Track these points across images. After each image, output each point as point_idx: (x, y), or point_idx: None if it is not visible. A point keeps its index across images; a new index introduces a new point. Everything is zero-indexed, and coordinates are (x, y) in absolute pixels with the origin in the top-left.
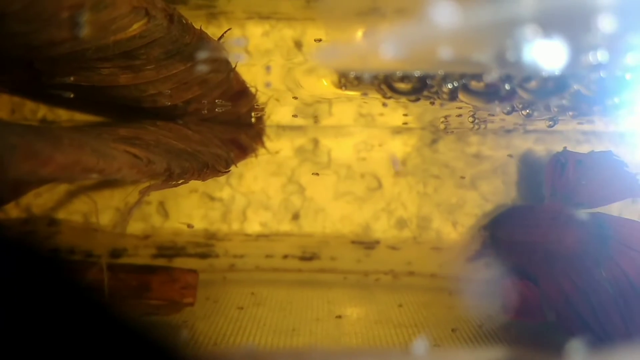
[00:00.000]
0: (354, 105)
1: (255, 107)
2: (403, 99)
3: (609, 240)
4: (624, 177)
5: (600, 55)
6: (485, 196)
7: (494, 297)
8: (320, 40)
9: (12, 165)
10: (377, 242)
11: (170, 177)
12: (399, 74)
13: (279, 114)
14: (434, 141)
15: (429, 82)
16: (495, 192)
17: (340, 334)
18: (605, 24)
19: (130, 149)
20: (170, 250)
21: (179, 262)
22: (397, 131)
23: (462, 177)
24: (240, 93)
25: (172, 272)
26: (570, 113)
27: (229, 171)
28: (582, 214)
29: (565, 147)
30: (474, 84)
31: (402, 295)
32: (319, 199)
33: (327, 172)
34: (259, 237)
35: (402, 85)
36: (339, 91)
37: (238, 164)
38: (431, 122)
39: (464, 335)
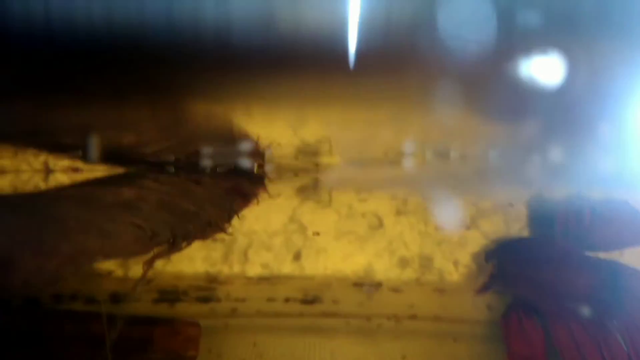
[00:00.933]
0: None
1: (257, 153)
2: None
3: (622, 291)
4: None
5: None
6: (487, 235)
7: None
8: None
9: (22, 263)
10: (380, 283)
11: (174, 245)
12: None
13: (280, 156)
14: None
15: None
16: (497, 230)
17: None
18: None
19: (135, 219)
20: (171, 294)
21: (181, 307)
22: (394, 181)
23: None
24: (241, 140)
25: (174, 324)
26: None
27: (230, 225)
28: (596, 259)
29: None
30: None
31: (406, 343)
32: (320, 239)
33: (328, 211)
34: (260, 279)
35: None
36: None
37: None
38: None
39: None
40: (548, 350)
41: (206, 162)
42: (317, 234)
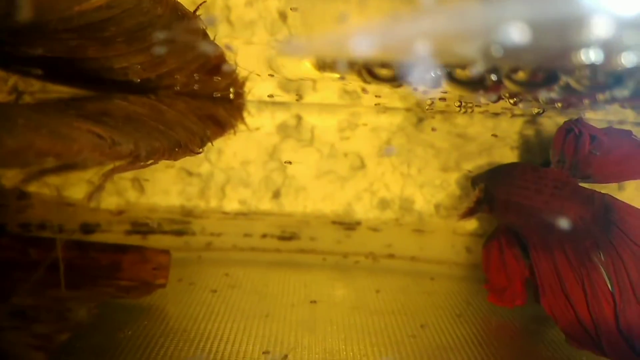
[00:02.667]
0: (339, 83)
1: (235, 82)
2: (385, 85)
3: (613, 226)
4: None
5: (593, 53)
6: (470, 178)
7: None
8: (295, 9)
9: None
10: (359, 223)
11: (137, 159)
12: (378, 61)
13: (260, 89)
14: (420, 121)
15: (410, 69)
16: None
17: (315, 320)
18: (598, 23)
19: (94, 128)
20: (144, 226)
21: (154, 240)
22: (381, 110)
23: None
24: (219, 67)
25: (144, 252)
26: (559, 104)
27: (202, 151)
28: (590, 190)
29: (580, 117)
30: (459, 73)
31: (381, 280)
32: (300, 178)
33: (310, 150)
34: (237, 215)
35: (382, 72)
36: (318, 73)
37: (215, 141)
38: (417, 103)
39: (441, 326)
40: (528, 282)
41: (179, 85)
42: (289, 162)
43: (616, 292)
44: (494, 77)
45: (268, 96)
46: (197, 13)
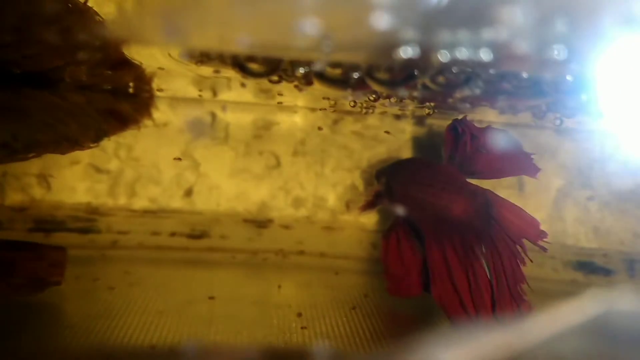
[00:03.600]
0: (254, 82)
1: (141, 77)
2: (262, 80)
3: (492, 221)
4: (520, 155)
5: (451, 53)
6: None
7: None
8: None
9: None
10: (271, 220)
11: (15, 151)
12: (245, 54)
13: (172, 85)
14: (334, 122)
15: (280, 65)
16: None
17: (211, 316)
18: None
19: None
20: (48, 224)
21: (58, 238)
22: (294, 110)
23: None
24: (121, 62)
25: (38, 249)
26: (430, 104)
27: (96, 145)
28: (474, 186)
29: (465, 116)
30: (329, 71)
31: (286, 276)
32: (214, 176)
33: (224, 149)
34: (145, 212)
35: (253, 66)
36: (193, 66)
37: (124, 137)
38: (331, 102)
39: (336, 318)
40: (423, 273)
41: (84, 79)
42: (179, 159)
43: (493, 281)
44: (355, 75)
45: (180, 92)
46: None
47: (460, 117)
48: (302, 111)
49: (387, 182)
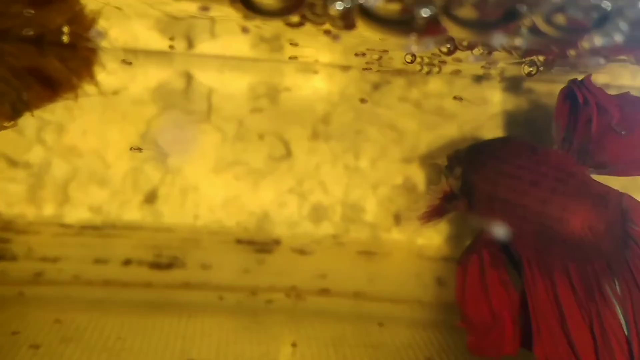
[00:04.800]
0: (249, 24)
1: (78, 18)
2: (275, 21)
3: (631, 242)
4: None
5: None
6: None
7: None
8: None
9: None
10: (278, 242)
11: None
12: None
13: (126, 31)
14: (375, 87)
15: None
16: None
17: None
18: None
19: None
20: None
21: None
22: (314, 69)
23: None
24: None
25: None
26: (540, 58)
27: (12, 125)
28: (604, 187)
29: (589, 76)
30: (379, 7)
31: (303, 328)
32: (190, 172)
33: (205, 128)
34: (84, 229)
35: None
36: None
37: (41, 109)
38: (374, 55)
39: None
40: (521, 320)
41: None
42: (139, 149)
43: (633, 338)
44: (425, 13)
45: (139, 43)
46: None
47: (581, 78)
48: (326, 71)
49: (465, 177)
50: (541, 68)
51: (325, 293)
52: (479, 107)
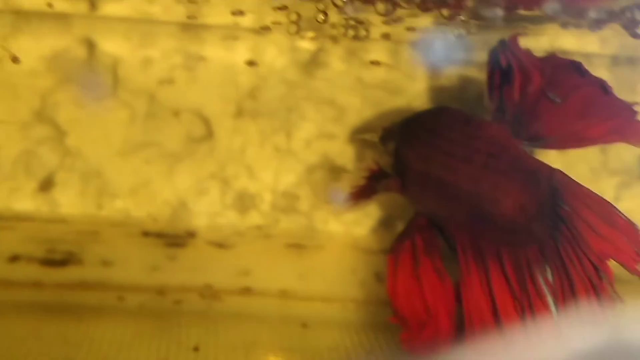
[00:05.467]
0: None
1: None
2: None
3: (562, 225)
4: (615, 106)
5: None
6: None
7: None
8: None
9: None
10: (192, 234)
11: None
12: None
13: None
14: (310, 58)
15: None
16: None
17: None
18: None
19: None
20: None
21: None
22: (235, 35)
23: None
24: None
25: None
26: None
27: None
28: (536, 163)
29: (517, 36)
30: None
31: (214, 332)
32: (91, 153)
33: (110, 105)
34: None
35: None
36: None
37: None
38: (306, 18)
39: None
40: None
41: None
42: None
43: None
44: None
45: (27, 3)
46: None
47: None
48: (249, 37)
49: (398, 152)
50: (472, 30)
51: (246, 292)
52: (428, 79)
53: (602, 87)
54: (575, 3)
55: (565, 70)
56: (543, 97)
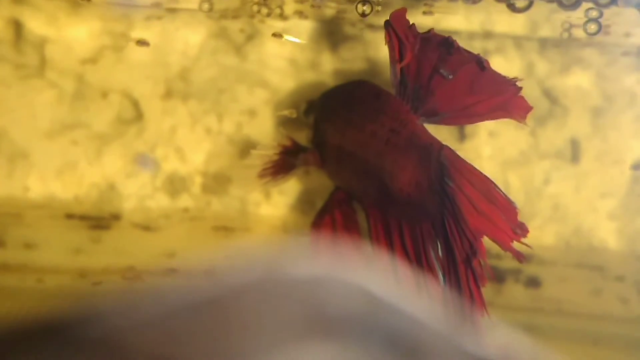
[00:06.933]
0: None
1: None
2: None
3: (447, 199)
4: (495, 79)
5: None
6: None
7: None
8: None
9: None
10: (117, 217)
11: None
12: None
13: None
14: (248, 37)
15: None
16: None
17: None
18: None
19: None
20: None
21: None
22: (159, 15)
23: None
24: None
25: None
26: None
27: None
28: (428, 139)
29: (403, 11)
30: None
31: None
32: (18, 135)
33: (37, 85)
34: None
35: None
36: None
37: None
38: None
39: None
40: None
41: None
42: None
43: (449, 306)
44: None
45: None
46: None
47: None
48: (179, 16)
49: (316, 125)
50: (378, 8)
51: (170, 274)
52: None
53: (479, 62)
54: None
55: (437, 47)
56: (436, 73)
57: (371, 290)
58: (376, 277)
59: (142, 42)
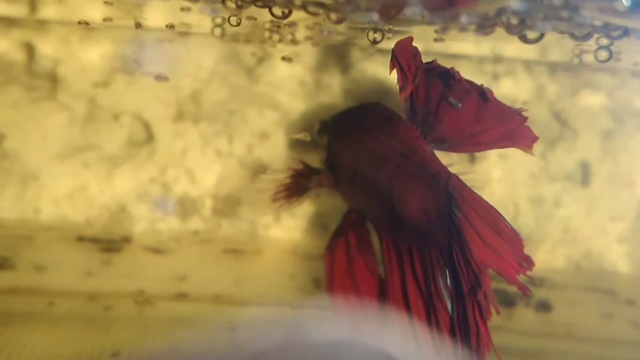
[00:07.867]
0: None
1: None
2: None
3: (455, 232)
4: (501, 109)
5: None
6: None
7: None
8: None
9: None
10: (127, 239)
11: None
12: None
13: None
14: (260, 60)
15: None
16: None
17: None
18: None
19: None
20: None
21: None
22: (170, 39)
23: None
24: None
25: None
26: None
27: None
28: (437, 166)
29: (410, 39)
30: None
31: (139, 337)
32: (29, 157)
33: (49, 107)
34: None
35: None
36: None
37: None
38: (258, 28)
39: None
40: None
41: None
42: None
43: (458, 336)
44: None
45: None
46: None
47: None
48: (194, 40)
49: (330, 147)
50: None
51: (181, 298)
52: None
53: (482, 94)
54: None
55: (439, 78)
56: (444, 100)
57: (391, 353)
58: (395, 340)
59: (160, 77)
